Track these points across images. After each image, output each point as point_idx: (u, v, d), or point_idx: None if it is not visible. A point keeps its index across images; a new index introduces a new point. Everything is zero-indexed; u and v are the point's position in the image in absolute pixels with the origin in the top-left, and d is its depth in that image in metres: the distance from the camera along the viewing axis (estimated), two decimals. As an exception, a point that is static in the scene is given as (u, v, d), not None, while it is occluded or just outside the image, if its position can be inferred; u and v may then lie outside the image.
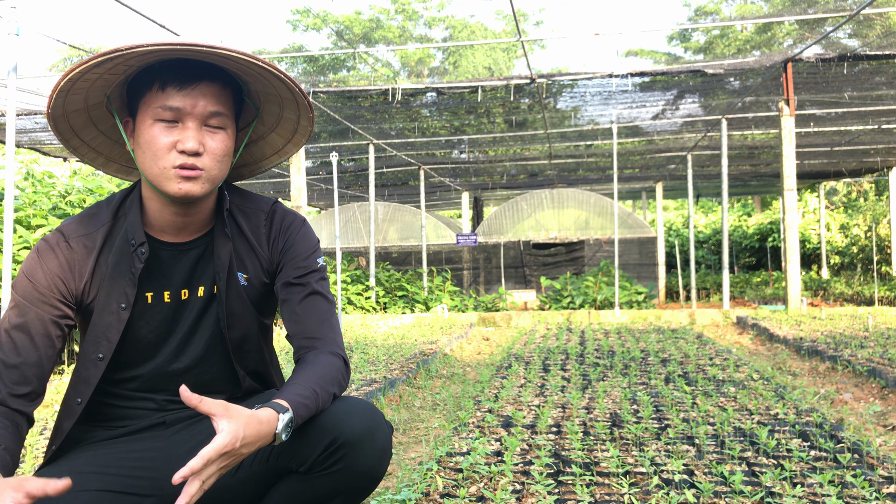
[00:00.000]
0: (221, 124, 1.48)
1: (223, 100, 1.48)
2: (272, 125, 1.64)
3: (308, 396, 1.42)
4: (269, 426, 1.33)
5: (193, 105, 1.44)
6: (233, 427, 1.26)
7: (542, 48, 30.32)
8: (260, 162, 1.74)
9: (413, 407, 4.22)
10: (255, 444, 1.31)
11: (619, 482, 2.40)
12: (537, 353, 5.98)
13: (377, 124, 11.91)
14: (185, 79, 1.44)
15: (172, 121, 1.45)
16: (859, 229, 17.20)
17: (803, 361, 5.62)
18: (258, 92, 1.56)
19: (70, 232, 1.54)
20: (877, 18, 8.60)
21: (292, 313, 1.59)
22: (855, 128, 12.27)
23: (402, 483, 2.53)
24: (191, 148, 1.43)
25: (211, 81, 1.46)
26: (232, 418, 1.27)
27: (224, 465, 1.27)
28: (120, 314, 1.53)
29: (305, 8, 25.97)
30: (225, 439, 1.25)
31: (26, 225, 5.71)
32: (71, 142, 1.59)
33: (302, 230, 1.66)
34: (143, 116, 1.46)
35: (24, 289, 1.50)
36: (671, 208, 32.30)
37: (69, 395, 1.56)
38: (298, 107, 1.54)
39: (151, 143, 1.45)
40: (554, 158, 15.14)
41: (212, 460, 1.24)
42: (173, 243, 1.58)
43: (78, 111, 1.52)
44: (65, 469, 1.46)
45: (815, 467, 2.54)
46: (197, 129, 1.45)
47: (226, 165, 1.52)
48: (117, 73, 1.45)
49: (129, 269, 1.53)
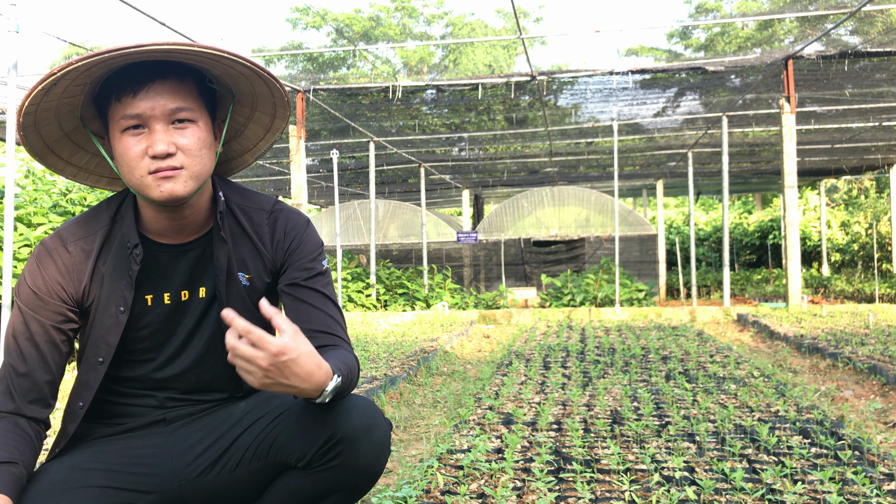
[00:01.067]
0: (188, 118, 1.45)
1: (183, 93, 1.45)
2: (251, 104, 1.60)
3: (345, 374, 1.42)
4: (325, 376, 1.32)
5: (152, 107, 1.41)
6: (289, 342, 1.25)
7: (543, 45, 30.31)
8: (256, 145, 1.70)
9: (414, 404, 4.22)
10: (305, 381, 1.29)
11: (620, 479, 2.40)
12: (538, 350, 5.98)
13: (377, 122, 11.91)
14: (137, 83, 1.41)
15: (138, 127, 1.42)
16: (860, 227, 17.20)
17: (804, 358, 5.62)
18: (222, 74, 1.51)
19: (68, 235, 1.53)
20: (878, 15, 8.60)
21: (301, 314, 1.58)
22: (856, 125, 12.26)
23: (402, 480, 2.53)
24: (161, 151, 1.41)
25: (164, 79, 1.43)
26: (294, 339, 1.26)
27: (261, 367, 1.24)
28: (118, 317, 1.53)
29: (305, 6, 25.95)
30: (273, 340, 1.23)
31: (27, 223, 5.71)
32: (66, 171, 1.58)
33: (307, 231, 1.64)
34: (112, 130, 1.45)
35: (27, 297, 1.50)
36: (672, 206, 32.29)
37: (72, 399, 1.57)
38: (263, 81, 1.50)
39: (124, 154, 1.43)
40: (554, 156, 15.13)
41: (252, 340, 1.23)
42: (171, 245, 1.57)
43: (59, 140, 1.51)
44: (67, 464, 1.47)
45: (816, 464, 2.54)
46: (164, 130, 1.42)
47: (207, 159, 1.48)
48: (73, 94, 1.43)
49: (126, 272, 1.52)
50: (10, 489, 1.34)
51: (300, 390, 1.31)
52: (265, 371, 1.25)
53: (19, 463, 1.39)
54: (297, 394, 1.32)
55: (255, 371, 1.25)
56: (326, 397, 1.36)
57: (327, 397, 1.36)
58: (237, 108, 1.61)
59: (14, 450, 1.40)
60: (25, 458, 1.41)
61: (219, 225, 1.56)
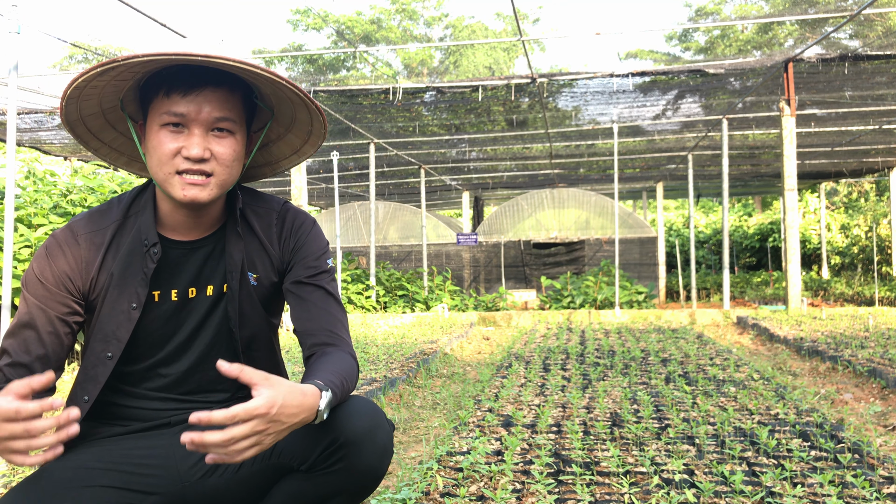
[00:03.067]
0: (229, 129, 1.48)
1: (230, 105, 1.48)
2: (287, 125, 1.64)
3: (337, 385, 1.42)
4: (314, 399, 1.32)
5: (198, 111, 1.44)
6: (271, 393, 1.23)
7: (542, 50, 30.35)
8: (279, 162, 1.73)
9: (413, 406, 4.22)
10: (299, 415, 1.28)
11: (620, 482, 2.40)
12: (537, 352, 5.98)
13: (378, 124, 11.91)
14: (189, 85, 1.44)
15: (178, 125, 1.45)
16: (860, 229, 17.20)
17: (804, 361, 5.62)
18: (270, 94, 1.55)
19: (79, 228, 1.54)
20: (877, 19, 8.60)
21: (305, 311, 1.59)
22: (856, 128, 12.26)
23: (402, 482, 2.53)
24: (195, 154, 1.44)
25: (216, 87, 1.46)
26: (272, 386, 1.24)
27: (261, 432, 1.22)
28: (130, 313, 1.53)
29: (306, 8, 25.98)
30: (258, 402, 1.21)
31: (27, 224, 5.71)
32: (91, 143, 1.60)
33: (313, 231, 1.67)
34: (152, 121, 1.47)
35: (35, 287, 1.51)
36: (672, 208, 32.29)
37: (75, 393, 1.56)
38: (308, 109, 1.54)
39: (157, 147, 1.46)
40: (554, 158, 15.14)
41: (240, 419, 1.19)
42: (183, 241, 1.58)
43: (94, 115, 1.54)
44: (71, 464, 1.47)
45: (816, 467, 2.54)
46: (202, 134, 1.45)
47: (235, 170, 1.52)
48: (125, 79, 1.46)
49: (141, 269, 1.53)
50: None
51: (299, 423, 1.30)
52: (267, 434, 1.24)
53: None
54: (297, 426, 1.31)
55: (263, 439, 1.24)
56: (323, 415, 1.36)
57: (323, 415, 1.36)
58: (273, 125, 1.64)
59: None
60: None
61: (236, 220, 1.59)
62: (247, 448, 1.22)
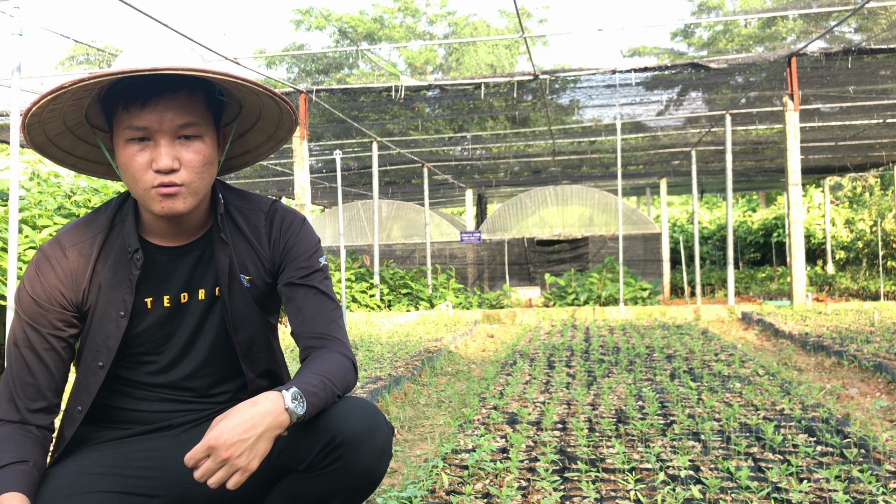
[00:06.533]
0: (195, 133, 1.45)
1: (191, 108, 1.44)
2: (257, 114, 1.61)
3: (316, 385, 1.42)
4: (271, 403, 1.33)
5: (160, 121, 1.41)
6: (214, 429, 1.29)
7: (545, 45, 30.27)
8: (257, 148, 1.70)
9: (418, 404, 4.22)
10: (260, 423, 1.30)
11: (625, 478, 2.39)
12: (542, 349, 5.97)
13: (381, 122, 11.92)
14: (146, 96, 1.40)
15: (143, 139, 1.42)
16: (864, 224, 17.13)
17: (809, 357, 5.61)
18: (232, 88, 1.51)
19: (67, 241, 1.53)
20: (881, 12, 8.56)
21: (298, 312, 1.59)
22: (860, 122, 12.23)
23: (407, 480, 2.54)
24: (164, 166, 1.41)
25: (174, 93, 1.42)
26: (216, 423, 1.30)
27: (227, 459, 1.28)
28: (119, 322, 1.53)
29: (308, 7, 25.98)
30: (201, 441, 1.28)
31: (32, 225, 5.72)
32: (66, 161, 1.59)
33: (303, 230, 1.64)
34: (117, 137, 1.45)
35: (28, 305, 1.50)
36: (676, 204, 32.24)
37: (70, 404, 1.57)
38: (274, 99, 1.50)
39: (128, 164, 1.43)
40: (557, 155, 15.12)
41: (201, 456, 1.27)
42: (171, 247, 1.57)
43: (61, 134, 1.52)
44: (72, 469, 1.47)
45: (822, 462, 2.53)
46: (169, 144, 1.42)
47: (208, 173, 1.49)
48: (82, 96, 1.43)
49: (126, 277, 1.52)
50: (25, 487, 1.35)
51: (270, 429, 1.32)
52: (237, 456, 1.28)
53: (30, 461, 1.40)
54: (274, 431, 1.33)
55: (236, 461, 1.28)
56: (297, 412, 1.35)
57: (298, 412, 1.35)
58: (244, 115, 1.61)
59: (23, 450, 1.41)
60: (36, 457, 1.42)
61: (219, 227, 1.57)
62: (227, 476, 1.28)
